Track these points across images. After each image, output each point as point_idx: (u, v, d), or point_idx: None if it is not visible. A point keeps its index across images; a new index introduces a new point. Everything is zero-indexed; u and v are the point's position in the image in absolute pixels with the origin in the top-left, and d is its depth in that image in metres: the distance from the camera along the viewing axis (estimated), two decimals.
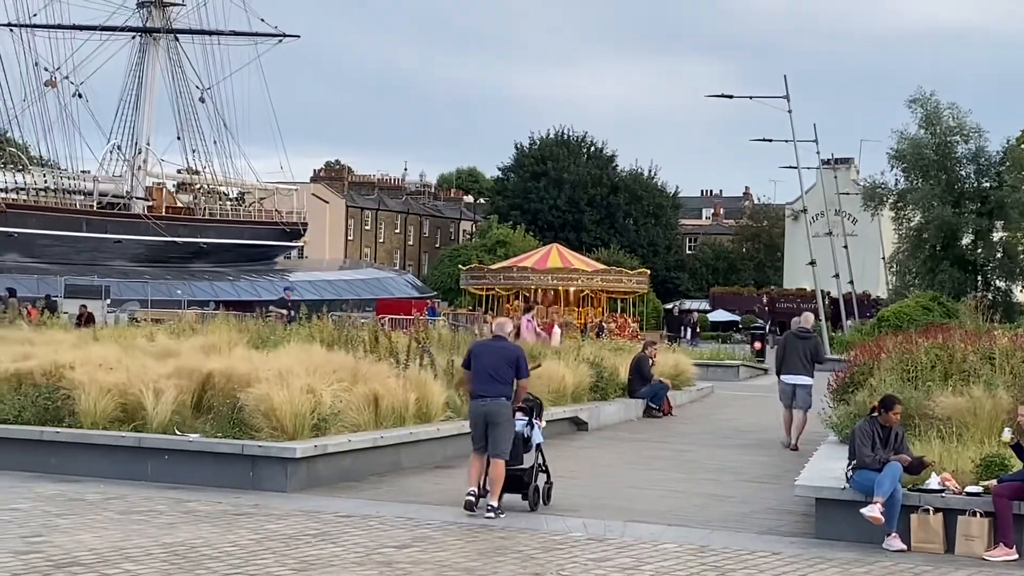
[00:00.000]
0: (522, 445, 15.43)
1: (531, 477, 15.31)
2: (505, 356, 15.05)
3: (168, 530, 12.96)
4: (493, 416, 14.88)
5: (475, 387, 15.09)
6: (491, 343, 15.45)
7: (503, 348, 15.19)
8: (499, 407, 14.91)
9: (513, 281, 66.52)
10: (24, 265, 72.32)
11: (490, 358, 15.03)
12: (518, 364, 15.07)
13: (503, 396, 14.95)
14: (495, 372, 14.94)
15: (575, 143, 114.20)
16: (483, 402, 14.93)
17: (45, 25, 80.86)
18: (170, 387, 17.70)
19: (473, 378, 15.15)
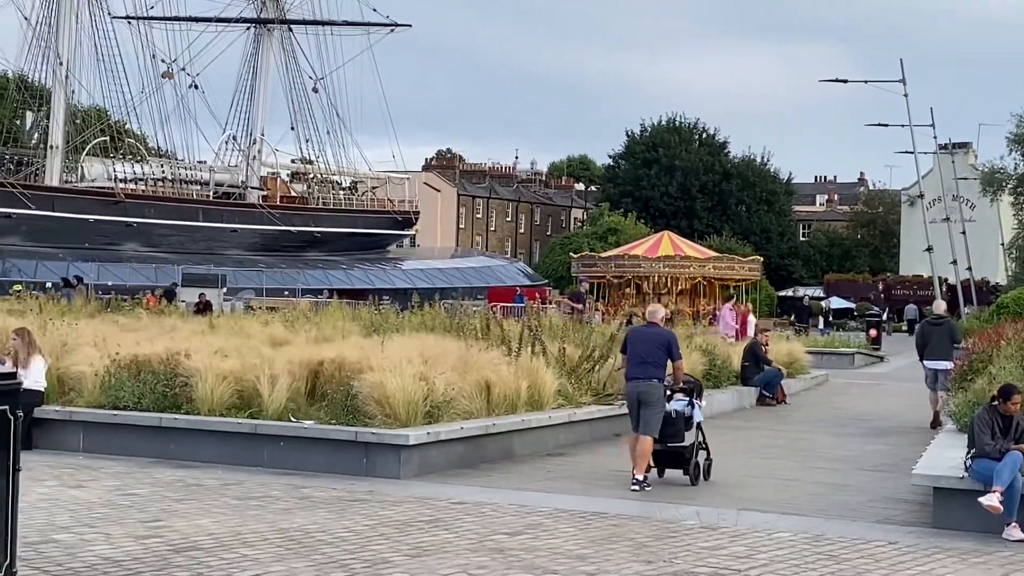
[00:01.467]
0: (683, 424, 16.53)
1: (692, 454, 16.43)
2: (656, 340, 16.26)
3: (284, 515, 13.11)
4: (644, 396, 16.05)
5: (629, 370, 16.31)
6: (644, 329, 16.73)
7: (655, 333, 16.38)
8: (650, 388, 16.08)
9: (624, 269, 66.35)
10: (142, 254, 73.51)
11: (643, 343, 16.27)
12: (669, 347, 16.24)
13: (654, 378, 16.12)
14: (647, 356, 16.12)
15: (687, 130, 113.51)
16: (636, 384, 16.14)
17: (162, 17, 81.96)
18: (285, 374, 17.88)
19: (628, 361, 16.37)
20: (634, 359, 16.25)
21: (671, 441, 16.41)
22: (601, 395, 21.45)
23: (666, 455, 16.47)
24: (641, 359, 16.16)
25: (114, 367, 18.69)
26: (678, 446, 16.50)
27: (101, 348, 20.06)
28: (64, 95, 75.70)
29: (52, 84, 76.24)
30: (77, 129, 77.74)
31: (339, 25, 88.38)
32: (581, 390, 21.08)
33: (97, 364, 19.04)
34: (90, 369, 18.97)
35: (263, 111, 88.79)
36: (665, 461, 16.53)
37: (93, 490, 14.51)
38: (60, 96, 75.57)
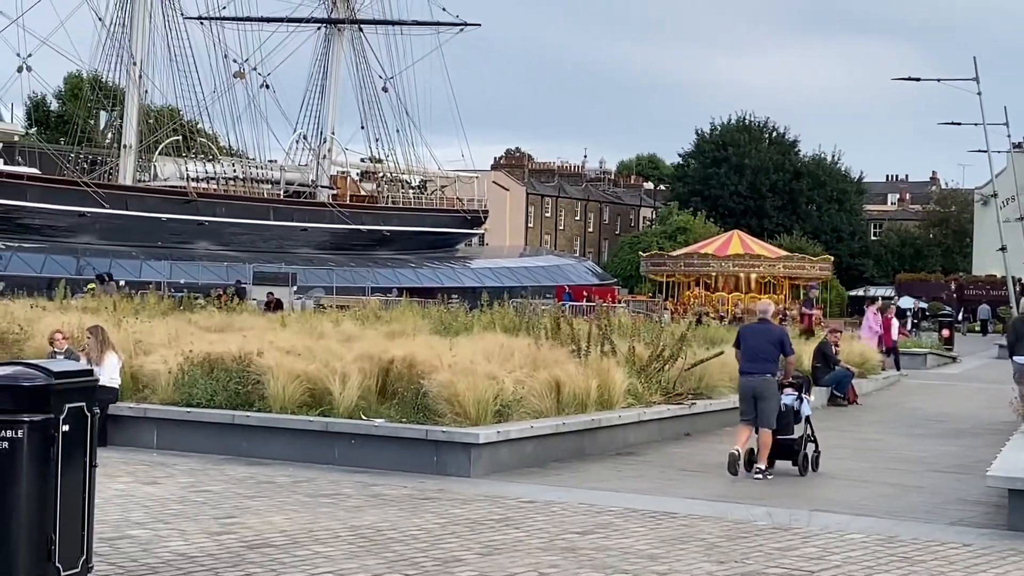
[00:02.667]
0: (792, 417, 17.20)
1: (800, 446, 17.10)
2: (769, 336, 17.05)
3: (355, 513, 13.16)
4: (760, 391, 16.80)
5: (743, 365, 17.04)
6: (757, 326, 17.58)
7: (767, 330, 17.24)
8: (765, 383, 16.82)
9: (694, 268, 66.19)
10: (214, 253, 74.12)
11: (756, 339, 17.04)
12: (782, 343, 17.00)
13: (768, 373, 16.86)
14: (761, 351, 16.85)
15: (757, 128, 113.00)
16: (750, 378, 16.89)
17: (234, 18, 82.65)
18: (355, 373, 17.95)
19: (742, 357, 17.08)
20: (748, 354, 16.94)
21: (781, 434, 17.00)
22: (671, 394, 21.38)
23: (776, 447, 16.97)
24: (755, 354, 16.85)
25: (187, 365, 18.85)
26: (787, 438, 17.11)
27: (174, 346, 20.25)
28: (137, 95, 76.48)
29: (126, 84, 77.06)
30: (150, 128, 78.52)
31: (409, 25, 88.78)
32: (651, 389, 21.02)
33: (170, 362, 19.21)
34: (164, 367, 19.14)
35: (333, 110, 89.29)
36: (775, 453, 16.98)
37: (167, 486, 14.64)
38: (133, 96, 76.36)
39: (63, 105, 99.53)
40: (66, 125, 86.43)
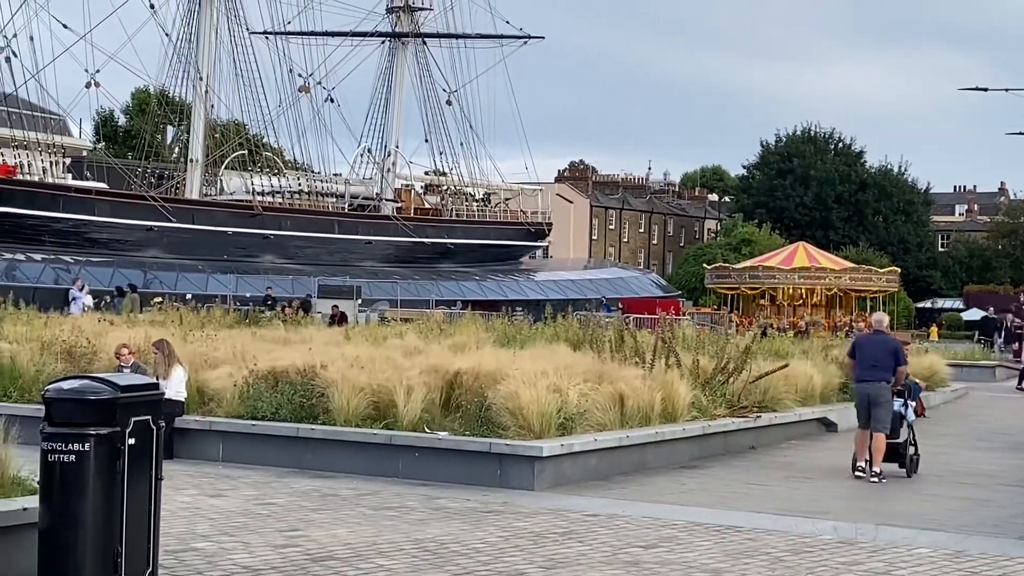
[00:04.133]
0: (899, 422, 18.23)
1: (905, 449, 18.34)
2: (886, 347, 18.07)
3: (419, 526, 13.18)
4: (875, 397, 17.80)
5: (859, 373, 18.12)
6: (872, 336, 18.48)
7: (884, 340, 18.23)
8: (879, 390, 17.81)
9: (759, 280, 65.85)
10: (279, 266, 74.53)
11: (872, 348, 18.05)
12: (896, 353, 18.06)
13: (883, 380, 17.82)
14: (876, 360, 17.86)
15: (822, 139, 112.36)
16: (866, 386, 17.92)
17: (299, 32, 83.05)
18: (419, 386, 17.99)
19: (857, 365, 18.18)
20: (864, 363, 17.98)
21: (890, 438, 18.02)
22: (736, 407, 21.27)
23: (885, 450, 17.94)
24: (871, 363, 17.87)
25: (252, 378, 18.96)
26: (894, 442, 18.15)
27: (239, 359, 20.38)
28: (204, 109, 77.08)
29: (192, 99, 77.68)
30: (216, 143, 79.12)
31: (472, 38, 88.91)
32: (715, 402, 20.92)
33: (236, 375, 19.34)
34: (229, 380, 19.27)
35: (398, 124, 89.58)
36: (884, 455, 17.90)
37: (232, 499, 14.73)
38: (200, 110, 76.97)
39: (131, 120, 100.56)
40: (134, 140, 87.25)
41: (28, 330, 25.21)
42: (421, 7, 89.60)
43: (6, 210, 64.19)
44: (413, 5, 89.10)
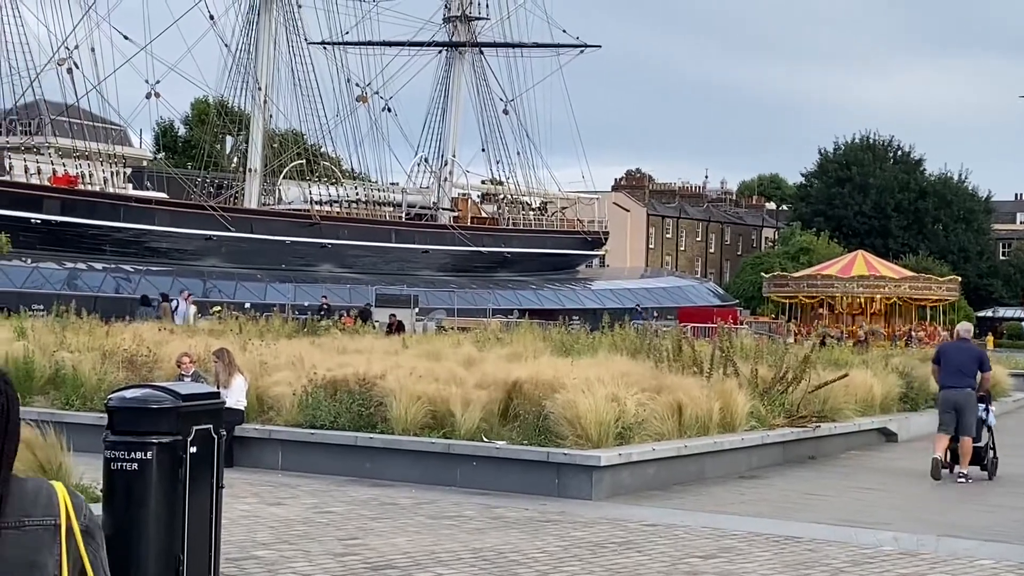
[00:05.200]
0: (981, 426, 18.93)
1: (986, 452, 19.12)
2: (971, 355, 18.96)
3: (477, 535, 13.18)
4: (960, 403, 18.52)
5: (944, 380, 18.80)
6: (958, 344, 19.34)
7: (968, 348, 19.14)
8: (965, 396, 18.56)
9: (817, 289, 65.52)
10: (337, 275, 74.88)
11: (958, 355, 18.82)
12: (981, 361, 18.97)
13: (968, 387, 18.60)
14: (962, 367, 18.62)
15: (881, 147, 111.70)
16: (952, 391, 18.61)
17: (356, 42, 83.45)
18: (477, 395, 18.00)
19: (942, 372, 18.88)
20: (949, 370, 18.69)
21: (973, 442, 18.76)
22: (795, 417, 21.16)
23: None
24: (956, 369, 18.60)
25: (311, 387, 19.04)
26: (977, 446, 18.86)
27: (298, 368, 20.47)
28: (262, 119, 77.61)
29: (251, 109, 78.22)
30: (275, 152, 79.61)
31: (529, 47, 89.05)
32: (774, 412, 20.82)
33: (295, 384, 19.42)
34: (288, 388, 19.36)
35: (454, 133, 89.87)
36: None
37: (292, 507, 14.79)
38: (258, 120, 77.50)
39: (190, 130, 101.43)
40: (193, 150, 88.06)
41: (90, 339, 25.41)
42: (478, 17, 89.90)
43: (68, 220, 64.92)
44: (470, 15, 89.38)
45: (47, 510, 3.22)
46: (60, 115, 71.47)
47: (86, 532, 3.26)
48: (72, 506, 3.25)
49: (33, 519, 3.20)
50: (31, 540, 3.17)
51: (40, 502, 3.23)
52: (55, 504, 3.24)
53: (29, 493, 3.24)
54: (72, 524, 3.23)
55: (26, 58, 67.24)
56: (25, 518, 3.19)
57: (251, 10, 77.13)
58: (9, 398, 3.29)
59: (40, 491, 3.26)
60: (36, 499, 3.23)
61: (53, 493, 3.26)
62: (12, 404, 3.29)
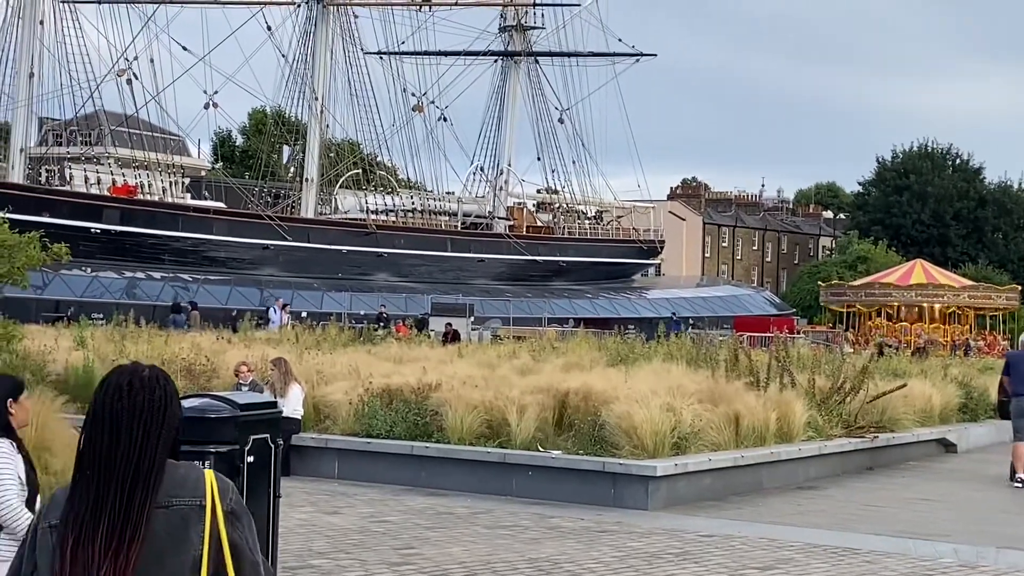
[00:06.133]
0: None
1: None
2: None
3: (533, 545, 13.17)
4: None
5: (1016, 387, 19.19)
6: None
7: None
8: None
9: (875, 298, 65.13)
10: (392, 284, 75.10)
11: None
12: None
13: None
14: None
15: (939, 155, 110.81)
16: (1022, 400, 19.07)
17: (412, 52, 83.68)
18: (532, 404, 18.00)
19: (1012, 381, 19.35)
20: (1020, 377, 19.18)
21: None
22: (853, 427, 21.02)
23: None
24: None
25: (367, 396, 19.10)
26: None
27: (354, 377, 20.53)
28: (319, 129, 77.99)
29: (308, 119, 78.62)
30: (331, 162, 79.98)
31: (585, 56, 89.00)
32: (832, 422, 20.69)
33: (351, 393, 19.49)
34: (344, 398, 19.43)
35: (510, 142, 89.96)
36: None
37: (348, 516, 14.83)
38: (315, 130, 77.88)
39: (247, 140, 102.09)
40: (250, 159, 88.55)
41: (149, 348, 25.62)
42: (533, 26, 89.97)
43: (127, 229, 65.51)
44: (526, 24, 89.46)
45: (194, 492, 3.60)
46: (120, 126, 72.14)
47: (231, 513, 3.62)
48: (218, 490, 3.62)
49: (180, 500, 3.58)
50: (178, 518, 3.55)
51: (188, 485, 3.61)
52: (202, 487, 3.61)
53: (179, 477, 3.62)
54: (216, 505, 3.60)
55: (86, 69, 67.94)
56: (173, 499, 3.57)
57: (308, 21, 77.55)
58: (168, 393, 3.68)
59: (189, 475, 3.64)
60: (185, 482, 3.61)
61: (201, 477, 3.64)
62: (170, 399, 3.68)
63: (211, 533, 3.56)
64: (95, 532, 3.50)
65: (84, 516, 3.52)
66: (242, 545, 3.62)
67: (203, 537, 3.55)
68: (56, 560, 3.52)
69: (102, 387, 3.63)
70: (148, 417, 3.61)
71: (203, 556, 3.54)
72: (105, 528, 3.50)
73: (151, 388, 3.64)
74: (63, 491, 3.65)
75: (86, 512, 3.53)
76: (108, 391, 3.62)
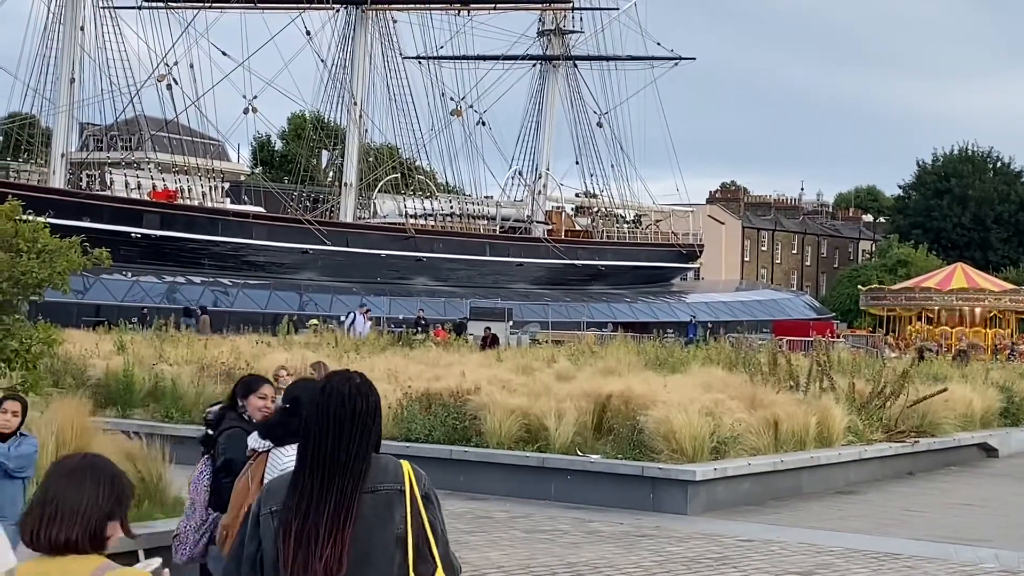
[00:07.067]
0: None
1: None
2: None
3: (572, 549, 13.17)
4: None
5: None
6: None
7: None
8: None
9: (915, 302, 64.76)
10: (431, 288, 75.18)
11: None
12: None
13: None
14: None
15: (980, 158, 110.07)
16: None
17: (451, 57, 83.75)
18: (571, 409, 17.98)
19: None
20: None
21: None
22: (893, 432, 20.92)
23: None
24: None
25: (406, 400, 19.12)
26: None
27: (393, 381, 20.56)
28: (358, 134, 78.15)
29: (346, 123, 78.82)
30: (370, 167, 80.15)
31: (623, 60, 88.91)
32: (872, 427, 20.60)
33: (390, 397, 19.52)
34: (383, 402, 19.39)
35: (548, 146, 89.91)
36: None
37: None
38: (354, 135, 78.06)
39: (287, 145, 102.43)
40: (289, 164, 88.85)
41: (188, 352, 25.73)
42: (572, 30, 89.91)
43: (167, 234, 65.79)
44: (564, 28, 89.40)
45: (395, 479, 4.25)
46: (160, 130, 72.50)
47: (425, 497, 4.28)
48: (414, 477, 4.29)
49: (384, 485, 4.23)
50: (383, 501, 4.20)
51: (390, 473, 4.28)
52: (401, 475, 4.27)
53: (382, 467, 4.28)
54: (414, 490, 4.25)
55: (127, 74, 68.28)
56: (379, 485, 4.22)
57: (347, 25, 77.71)
58: (375, 397, 4.39)
59: (389, 465, 4.30)
60: (386, 471, 4.28)
61: (400, 467, 4.31)
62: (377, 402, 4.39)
63: (412, 513, 4.20)
64: (318, 518, 4.11)
65: (309, 505, 4.14)
66: (436, 523, 4.27)
67: (405, 517, 4.18)
68: (280, 541, 4.14)
69: (324, 394, 4.28)
70: (364, 420, 4.27)
71: (407, 533, 4.17)
72: (327, 515, 4.12)
73: (365, 395, 4.34)
74: (279, 481, 4.34)
75: (311, 502, 4.14)
76: (332, 398, 4.28)
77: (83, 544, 3.65)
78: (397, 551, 4.17)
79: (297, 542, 4.10)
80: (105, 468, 3.79)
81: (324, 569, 4.08)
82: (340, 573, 4.08)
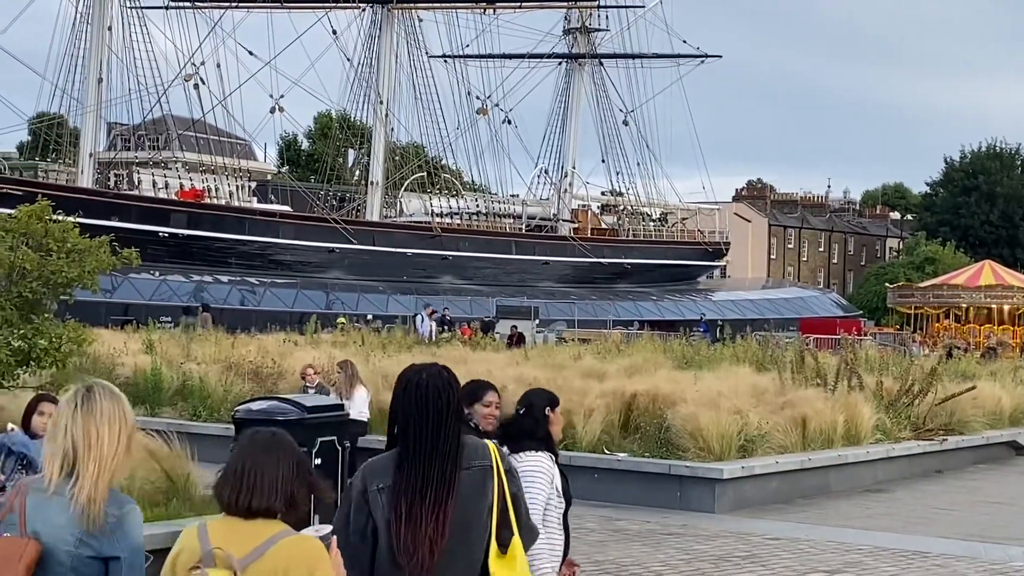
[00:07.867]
0: None
1: None
2: None
3: (599, 548, 13.16)
4: None
5: None
6: None
7: None
8: None
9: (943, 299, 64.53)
10: (457, 287, 75.22)
11: None
12: None
13: None
14: None
15: (1008, 155, 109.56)
16: None
17: (477, 55, 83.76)
18: (598, 407, 17.98)
19: None
20: None
21: None
22: (921, 430, 20.85)
23: None
24: None
25: None
26: None
27: None
28: (384, 132, 78.25)
29: (372, 122, 78.92)
30: (396, 165, 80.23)
31: (649, 58, 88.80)
32: (900, 425, 20.53)
33: None
34: None
35: (574, 144, 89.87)
36: None
37: None
38: (380, 134, 78.16)
39: (313, 144, 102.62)
40: (316, 163, 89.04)
41: (216, 351, 25.81)
42: (598, 28, 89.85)
43: (194, 233, 66.00)
44: (590, 26, 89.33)
45: (484, 458, 4.87)
46: (187, 130, 72.73)
47: (508, 472, 4.94)
48: (499, 455, 4.94)
49: (476, 463, 4.84)
50: (477, 477, 4.82)
51: (479, 453, 4.88)
52: (488, 453, 4.90)
53: (472, 447, 4.88)
54: (499, 467, 4.89)
55: (154, 74, 68.52)
56: (473, 462, 4.82)
57: (373, 25, 77.81)
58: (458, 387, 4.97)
59: (478, 446, 4.92)
60: (476, 451, 4.88)
61: (486, 447, 4.94)
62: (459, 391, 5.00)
63: (499, 486, 4.82)
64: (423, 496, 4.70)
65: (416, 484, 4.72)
66: (519, 495, 4.95)
67: (494, 489, 4.81)
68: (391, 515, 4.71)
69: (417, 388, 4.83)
70: (456, 408, 4.88)
71: (494, 503, 4.80)
72: (431, 492, 4.71)
73: (455, 386, 4.93)
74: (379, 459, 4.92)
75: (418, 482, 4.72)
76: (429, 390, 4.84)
77: (280, 510, 4.16)
78: (490, 519, 4.81)
79: (408, 516, 4.68)
80: (291, 442, 4.30)
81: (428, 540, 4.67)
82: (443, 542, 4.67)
